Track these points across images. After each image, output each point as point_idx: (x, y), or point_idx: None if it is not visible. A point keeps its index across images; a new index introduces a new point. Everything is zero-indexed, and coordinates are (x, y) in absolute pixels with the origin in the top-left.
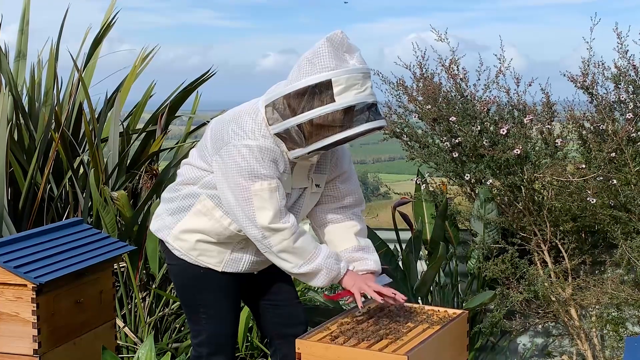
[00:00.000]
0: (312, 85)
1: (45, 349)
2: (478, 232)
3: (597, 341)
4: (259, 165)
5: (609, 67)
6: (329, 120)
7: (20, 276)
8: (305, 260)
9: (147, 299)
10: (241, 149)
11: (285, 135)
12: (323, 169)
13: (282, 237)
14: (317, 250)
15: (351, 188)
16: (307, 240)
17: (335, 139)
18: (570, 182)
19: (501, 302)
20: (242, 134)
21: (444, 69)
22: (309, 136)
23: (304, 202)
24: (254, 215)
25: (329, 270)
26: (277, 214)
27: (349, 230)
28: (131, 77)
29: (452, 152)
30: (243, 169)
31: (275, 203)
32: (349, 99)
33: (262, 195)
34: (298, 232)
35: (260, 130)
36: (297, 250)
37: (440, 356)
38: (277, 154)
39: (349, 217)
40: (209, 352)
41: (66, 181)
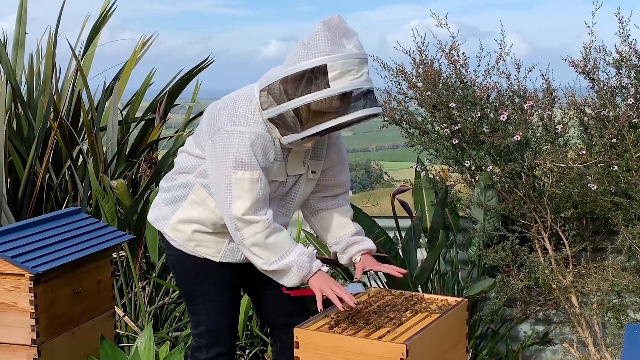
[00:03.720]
0: (308, 70)
1: (44, 338)
2: (478, 220)
3: (598, 328)
4: (245, 153)
5: (610, 52)
6: (324, 106)
7: (18, 266)
8: (277, 257)
9: (147, 288)
10: (232, 135)
11: (278, 120)
12: (319, 154)
13: (254, 230)
14: (291, 248)
15: (347, 177)
16: (281, 237)
17: (330, 125)
18: (571, 169)
19: (501, 290)
20: (235, 119)
21: (444, 55)
22: (304, 122)
23: (300, 189)
24: (230, 204)
25: (299, 268)
26: (253, 206)
27: (344, 215)
28: (130, 64)
29: (452, 139)
30: (229, 155)
31: (254, 195)
32: (344, 85)
33: (242, 185)
34: (273, 227)
35: (253, 116)
36: (269, 245)
37: (439, 344)
38: (268, 142)
39: (341, 202)
40: (209, 343)
41: (65, 170)
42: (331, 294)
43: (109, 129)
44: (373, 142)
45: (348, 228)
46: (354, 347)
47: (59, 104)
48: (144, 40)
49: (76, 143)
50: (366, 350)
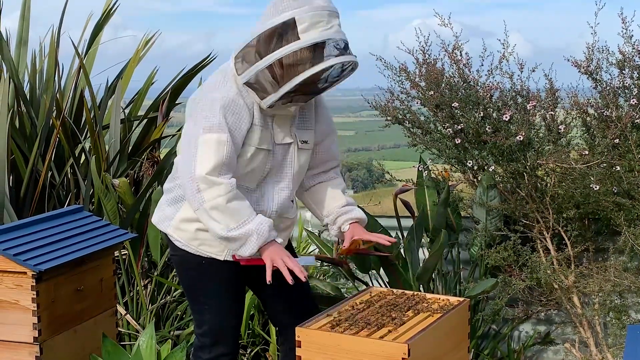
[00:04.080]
0: (278, 26)
1: (46, 336)
2: (480, 219)
3: (600, 329)
4: (214, 116)
5: (613, 53)
6: (297, 59)
7: (20, 264)
8: (237, 224)
9: (149, 287)
10: (203, 101)
11: (255, 84)
12: (307, 124)
13: (216, 193)
14: (252, 216)
15: (336, 152)
16: (243, 205)
17: (304, 76)
18: (573, 169)
19: (503, 290)
20: (207, 88)
21: (447, 55)
22: (279, 79)
23: (294, 160)
24: (194, 164)
25: (259, 236)
26: (217, 167)
27: (336, 188)
28: (133, 63)
29: (455, 139)
30: (199, 118)
31: (220, 157)
32: (314, 36)
33: (208, 146)
34: (235, 193)
35: (225, 83)
36: (230, 210)
37: (441, 344)
38: (241, 107)
39: (332, 176)
40: (212, 343)
41: (67, 168)
42: (281, 264)
43: (112, 127)
44: (375, 142)
45: (339, 200)
46: (356, 347)
47: (62, 102)
48: (147, 39)
49: (78, 141)
50: (368, 349)
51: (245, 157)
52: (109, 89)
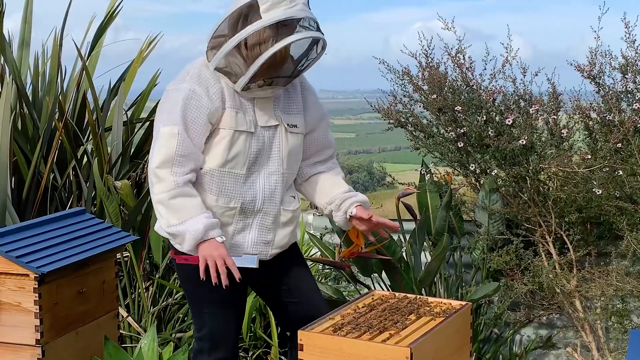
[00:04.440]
0: (242, 9)
1: (48, 338)
2: (482, 223)
3: (602, 333)
4: (172, 108)
5: (616, 57)
6: (260, 39)
7: (23, 266)
8: (178, 222)
9: (151, 289)
10: (168, 92)
11: (225, 67)
12: (293, 108)
13: (161, 188)
14: (194, 214)
15: (332, 139)
16: (188, 203)
17: (267, 55)
18: (576, 173)
19: (505, 294)
20: (171, 83)
21: (450, 58)
22: (247, 61)
23: (281, 142)
24: (151, 157)
25: (191, 233)
26: (167, 162)
27: (335, 176)
28: (136, 64)
29: (457, 142)
30: (159, 112)
31: (170, 150)
32: (276, 14)
33: (161, 139)
34: (181, 190)
35: (187, 75)
36: (172, 206)
37: (443, 348)
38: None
39: (330, 166)
40: (211, 347)
41: (70, 170)
42: (212, 264)
43: (114, 129)
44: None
45: (341, 186)
46: (358, 350)
47: (64, 104)
48: (150, 40)
49: (81, 143)
50: (370, 353)
51: (225, 141)
52: (111, 91)
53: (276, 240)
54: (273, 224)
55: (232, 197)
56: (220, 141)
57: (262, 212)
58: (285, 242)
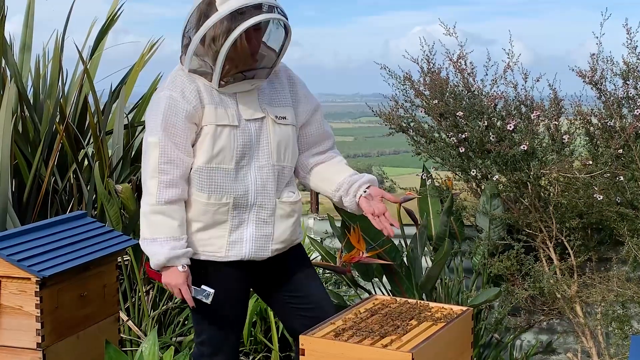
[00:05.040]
0: (201, 9)
1: (49, 342)
2: (483, 228)
3: (602, 338)
4: (153, 118)
5: (617, 63)
6: (220, 31)
7: (24, 269)
8: (150, 239)
9: (151, 293)
10: (150, 102)
11: (199, 68)
12: (280, 100)
13: (146, 200)
14: (166, 238)
15: (330, 129)
16: (166, 223)
17: (227, 45)
18: (577, 179)
19: (506, 299)
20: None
21: (452, 64)
22: (213, 56)
23: (269, 133)
24: (144, 167)
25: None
26: (154, 171)
27: (339, 164)
28: (137, 68)
29: (459, 147)
30: (147, 122)
31: (154, 160)
32: (231, 4)
33: (147, 150)
34: (164, 208)
35: (167, 82)
36: (150, 223)
37: (444, 353)
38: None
39: (332, 155)
40: (211, 352)
41: (70, 174)
42: (177, 293)
43: (115, 132)
44: (375, 148)
45: (346, 172)
46: (360, 355)
47: (65, 107)
48: (152, 43)
49: (82, 147)
50: (372, 358)
51: (209, 137)
52: (112, 94)
53: (276, 234)
54: (270, 217)
55: (223, 192)
56: (205, 138)
57: (257, 205)
58: (287, 237)
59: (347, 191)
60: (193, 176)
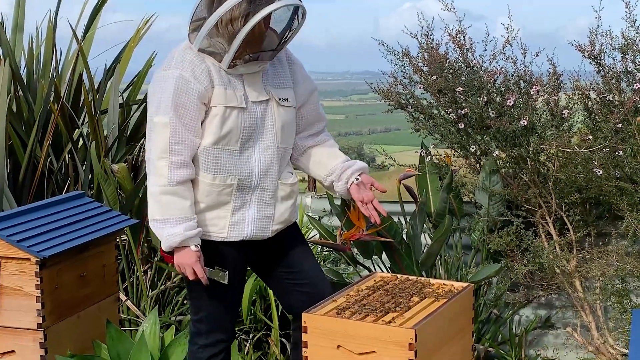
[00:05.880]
0: None
1: (49, 322)
2: (483, 205)
3: (601, 313)
4: (162, 97)
5: (616, 37)
6: (239, 13)
7: (24, 250)
8: (160, 220)
9: (149, 272)
10: (156, 80)
11: (209, 47)
12: (283, 82)
13: (154, 181)
14: (177, 219)
15: (323, 112)
16: (177, 204)
17: (247, 28)
18: (576, 154)
19: (505, 275)
20: (162, 66)
21: (451, 39)
22: (229, 37)
23: (274, 116)
24: (149, 148)
25: (167, 241)
26: (164, 151)
27: (331, 147)
28: (132, 44)
29: (458, 124)
30: (152, 100)
31: (164, 140)
32: None
33: (155, 130)
34: (175, 189)
35: (175, 60)
36: (160, 202)
37: (446, 329)
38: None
39: (324, 138)
40: (209, 329)
41: (66, 154)
42: (190, 273)
43: (110, 111)
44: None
45: (339, 157)
46: (362, 332)
47: (60, 86)
48: (146, 19)
49: (77, 126)
50: (374, 335)
51: (217, 118)
52: (107, 72)
53: (276, 215)
54: (272, 198)
55: (228, 174)
56: (213, 119)
57: (260, 187)
58: (286, 217)
59: (339, 177)
60: (199, 156)
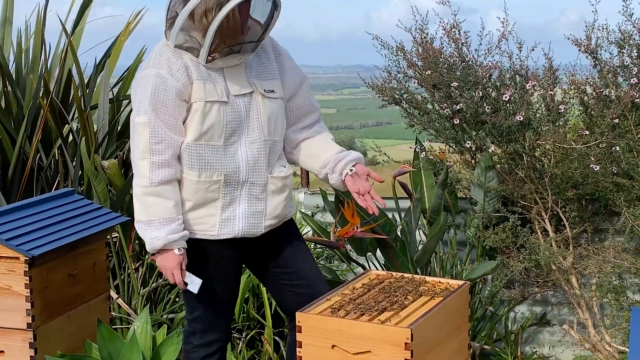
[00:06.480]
0: None
1: (39, 322)
2: (478, 201)
3: (597, 310)
4: (141, 97)
5: (613, 31)
6: (209, 6)
7: (13, 249)
8: (145, 221)
9: (140, 270)
10: (135, 81)
11: (184, 43)
12: (268, 73)
13: (137, 182)
14: (162, 221)
15: (316, 102)
16: (161, 204)
17: (219, 18)
18: (573, 149)
19: (501, 272)
20: (141, 66)
21: (446, 33)
22: (204, 30)
23: (259, 108)
24: (132, 147)
25: (149, 243)
26: (145, 151)
27: (325, 139)
28: (122, 38)
29: (453, 119)
30: (133, 101)
31: (144, 140)
32: None
33: (137, 130)
34: (158, 189)
35: (152, 58)
36: (144, 203)
37: (442, 328)
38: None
39: (318, 130)
40: (204, 328)
41: (55, 150)
42: (170, 277)
43: (100, 106)
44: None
45: (332, 149)
46: (357, 332)
47: (49, 81)
48: (136, 13)
49: (66, 122)
50: (370, 334)
51: (198, 114)
52: (97, 67)
53: (268, 210)
54: (262, 193)
55: (214, 170)
56: (194, 115)
57: (249, 182)
58: (280, 212)
59: (333, 169)
60: (183, 154)
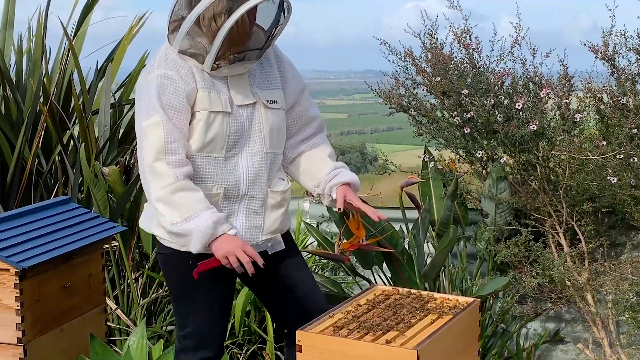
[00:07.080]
0: None
1: (30, 337)
2: (489, 213)
3: (613, 328)
4: (148, 100)
5: (631, 37)
6: (218, 11)
7: (2, 260)
8: (182, 219)
9: (140, 280)
10: (140, 85)
11: (189, 49)
12: (271, 83)
13: (161, 184)
14: (198, 211)
15: (315, 112)
16: (191, 197)
17: (228, 25)
18: (589, 160)
19: (513, 287)
20: (142, 73)
21: (456, 39)
22: (212, 36)
23: (261, 120)
24: (142, 155)
25: (200, 234)
26: (160, 152)
27: (321, 154)
28: (125, 42)
29: (463, 128)
30: (139, 107)
31: (159, 140)
32: None
33: (147, 132)
34: (182, 184)
35: (156, 61)
36: (174, 203)
37: (451, 348)
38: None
39: (316, 142)
40: (195, 346)
41: (55, 156)
42: (234, 259)
43: (101, 112)
44: (368, 125)
45: (326, 166)
46: (361, 352)
47: (49, 86)
48: (139, 17)
49: (67, 127)
50: (374, 355)
51: (201, 124)
52: (99, 72)
53: (266, 224)
54: (261, 207)
55: (214, 182)
56: (197, 125)
57: (248, 196)
58: (277, 227)
59: (324, 190)
60: None
